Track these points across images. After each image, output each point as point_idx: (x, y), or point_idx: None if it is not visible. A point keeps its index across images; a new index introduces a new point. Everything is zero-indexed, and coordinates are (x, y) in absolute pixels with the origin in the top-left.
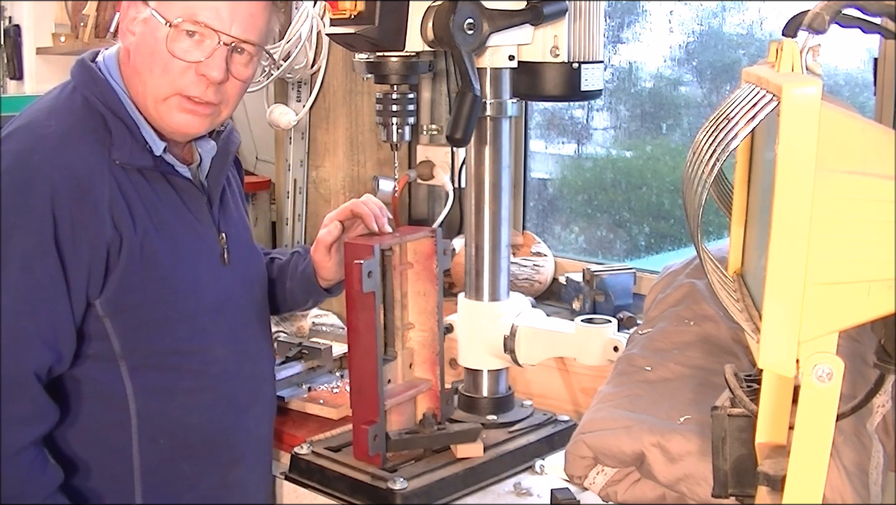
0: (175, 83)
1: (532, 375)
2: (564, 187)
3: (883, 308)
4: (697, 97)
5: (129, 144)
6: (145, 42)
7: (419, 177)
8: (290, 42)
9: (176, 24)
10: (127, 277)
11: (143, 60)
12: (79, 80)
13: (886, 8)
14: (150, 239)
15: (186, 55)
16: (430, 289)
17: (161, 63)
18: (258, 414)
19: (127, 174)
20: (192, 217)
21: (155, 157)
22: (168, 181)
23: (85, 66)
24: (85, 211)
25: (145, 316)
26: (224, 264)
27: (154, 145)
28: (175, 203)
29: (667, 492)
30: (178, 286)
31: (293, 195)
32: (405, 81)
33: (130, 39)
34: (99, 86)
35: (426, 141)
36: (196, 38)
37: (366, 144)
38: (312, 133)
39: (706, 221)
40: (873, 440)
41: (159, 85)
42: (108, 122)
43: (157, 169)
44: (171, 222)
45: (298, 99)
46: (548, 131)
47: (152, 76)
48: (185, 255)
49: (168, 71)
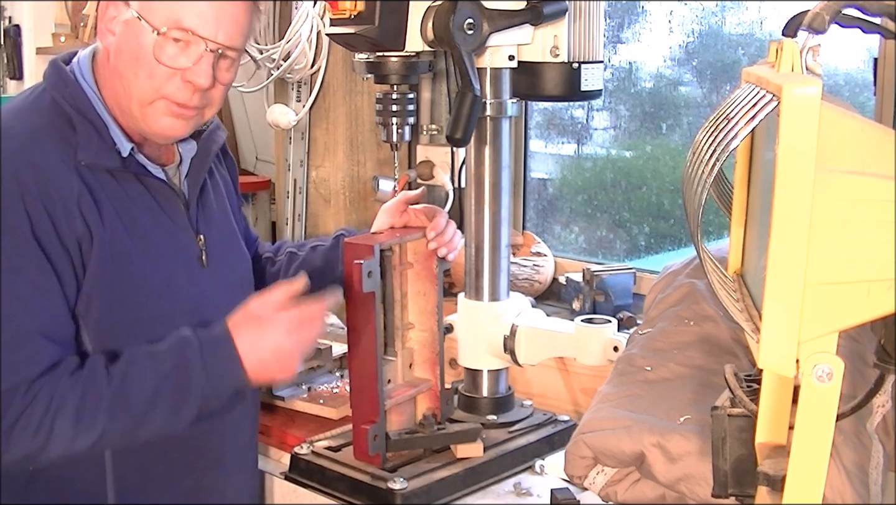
0: (160, 89)
1: (532, 375)
2: (564, 187)
3: (883, 308)
4: (697, 97)
5: (96, 145)
6: (128, 46)
7: (419, 177)
8: (290, 42)
9: (163, 33)
10: (97, 277)
11: (127, 64)
12: (49, 82)
13: (886, 8)
14: (121, 239)
15: (173, 62)
16: (430, 289)
17: (146, 68)
18: (236, 419)
19: (95, 174)
20: (166, 218)
21: (123, 157)
22: (141, 182)
23: (56, 67)
24: (55, 205)
25: (117, 317)
26: (202, 266)
27: (121, 146)
28: (148, 204)
29: (667, 492)
30: (150, 287)
31: (293, 195)
32: (405, 81)
33: (110, 40)
34: (68, 87)
35: (426, 141)
36: (181, 44)
37: (366, 144)
38: (312, 133)
39: (706, 221)
40: (873, 440)
41: (144, 90)
42: (75, 122)
43: (128, 170)
44: (144, 223)
45: (298, 99)
46: (548, 131)
47: (137, 80)
48: (157, 256)
49: (153, 76)
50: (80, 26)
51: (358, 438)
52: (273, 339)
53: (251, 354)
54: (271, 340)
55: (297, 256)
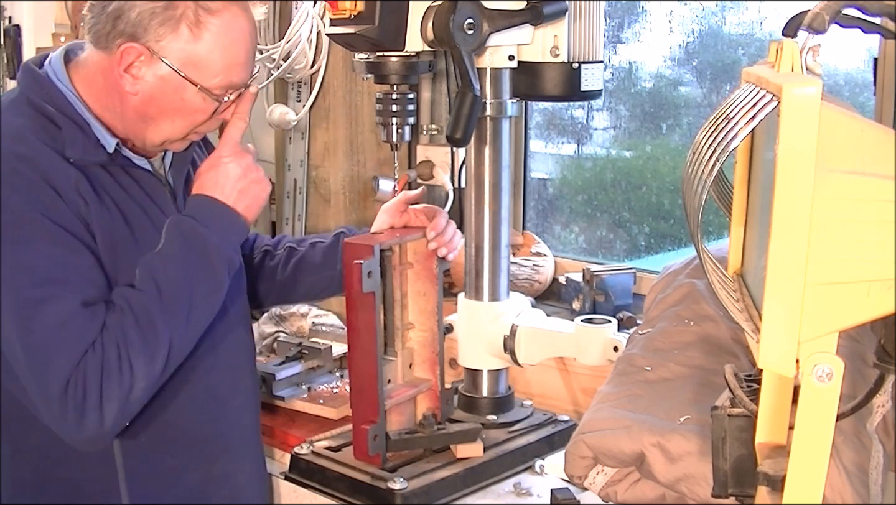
0: (195, 129)
1: (532, 375)
2: (564, 187)
3: (883, 308)
4: (697, 97)
5: (81, 142)
6: (166, 99)
7: (419, 177)
8: (290, 42)
9: (217, 95)
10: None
11: (162, 113)
12: (24, 85)
13: (886, 8)
14: (112, 229)
15: (223, 114)
16: (430, 289)
17: (188, 119)
18: (239, 405)
19: (86, 168)
20: (156, 209)
21: (109, 153)
22: (129, 174)
23: (29, 70)
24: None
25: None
26: None
27: (106, 143)
28: (138, 195)
29: (667, 492)
30: None
31: (293, 195)
32: (405, 81)
33: (135, 86)
34: (45, 88)
35: (426, 141)
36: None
37: (366, 144)
38: (312, 133)
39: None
40: (873, 440)
41: (178, 131)
42: (58, 121)
43: (115, 163)
44: (134, 213)
45: (298, 99)
46: (548, 131)
47: (173, 125)
48: (148, 246)
49: (193, 122)
50: (80, 26)
51: (358, 438)
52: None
53: (231, 195)
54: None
55: (297, 251)
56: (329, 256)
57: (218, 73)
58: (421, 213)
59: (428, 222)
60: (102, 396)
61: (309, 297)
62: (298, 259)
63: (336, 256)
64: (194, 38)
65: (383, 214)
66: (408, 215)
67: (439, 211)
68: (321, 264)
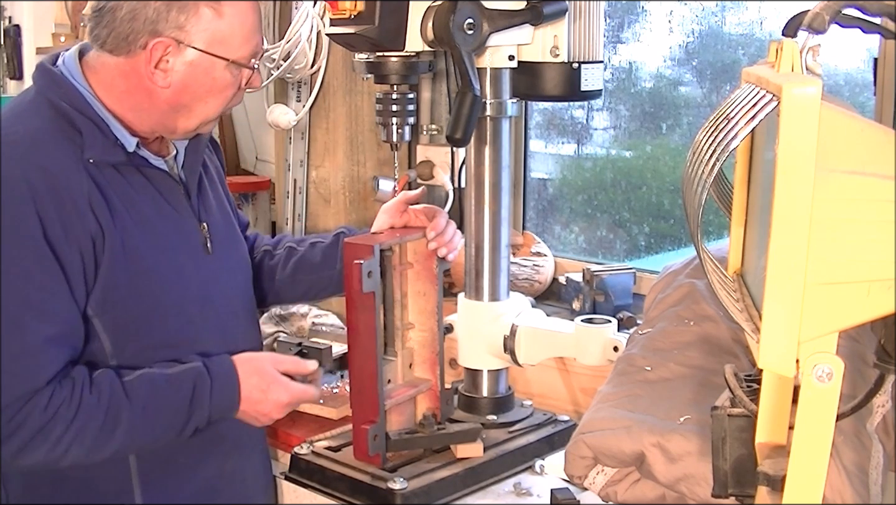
0: (228, 105)
1: (532, 375)
2: (564, 187)
3: (883, 308)
4: (697, 97)
5: (101, 142)
6: (198, 82)
7: (419, 177)
8: (290, 42)
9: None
10: (111, 273)
11: (196, 97)
12: (41, 84)
13: (886, 8)
14: (131, 233)
15: (254, 83)
16: (430, 289)
17: (221, 96)
18: None
19: (101, 171)
20: (170, 208)
21: (128, 153)
22: (143, 174)
23: (45, 69)
24: (66, 207)
25: (133, 311)
26: (207, 253)
27: (126, 142)
28: (152, 195)
29: (667, 492)
30: (162, 278)
31: (293, 195)
32: (405, 81)
33: (167, 79)
34: (62, 87)
35: (426, 141)
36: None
37: (366, 144)
38: (312, 133)
39: (706, 221)
40: (873, 440)
41: (212, 111)
42: (77, 121)
43: (132, 163)
44: (150, 215)
45: (298, 99)
46: (548, 131)
47: (207, 106)
48: (166, 246)
49: (226, 99)
50: (80, 26)
51: (358, 438)
52: (273, 399)
53: (249, 400)
54: (272, 398)
55: (297, 251)
56: (329, 255)
57: (243, 43)
58: (421, 213)
59: (428, 222)
60: (28, 445)
61: (309, 297)
62: (298, 259)
63: (336, 256)
64: (217, 16)
65: (383, 214)
66: (408, 215)
67: (439, 211)
68: (321, 264)
